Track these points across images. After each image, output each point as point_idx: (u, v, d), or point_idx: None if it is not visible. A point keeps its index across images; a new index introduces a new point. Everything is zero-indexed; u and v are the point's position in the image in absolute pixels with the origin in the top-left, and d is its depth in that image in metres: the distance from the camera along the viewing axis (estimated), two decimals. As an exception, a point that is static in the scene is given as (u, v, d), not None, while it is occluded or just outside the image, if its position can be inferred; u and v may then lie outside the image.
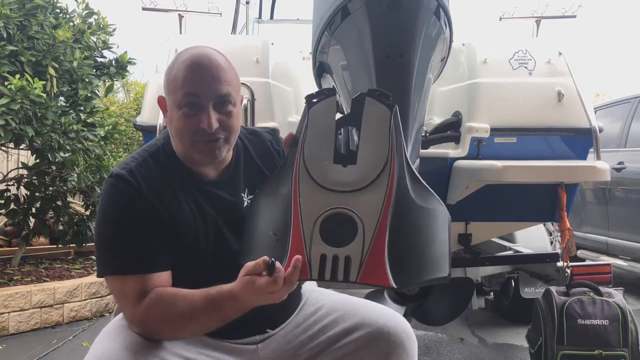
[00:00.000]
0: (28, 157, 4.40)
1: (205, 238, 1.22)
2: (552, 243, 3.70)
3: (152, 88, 2.43)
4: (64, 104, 3.95)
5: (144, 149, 1.28)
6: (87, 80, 3.90)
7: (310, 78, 2.24)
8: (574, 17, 3.01)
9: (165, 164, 1.24)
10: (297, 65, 2.87)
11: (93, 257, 4.65)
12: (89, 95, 3.92)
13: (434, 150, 2.40)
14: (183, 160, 1.25)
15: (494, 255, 2.97)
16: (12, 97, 3.25)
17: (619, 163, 4.39)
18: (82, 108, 3.96)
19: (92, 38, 3.99)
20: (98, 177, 4.19)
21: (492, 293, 3.83)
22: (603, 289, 2.26)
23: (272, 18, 4.91)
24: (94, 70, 4.02)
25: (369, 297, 2.50)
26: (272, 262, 1.00)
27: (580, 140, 2.33)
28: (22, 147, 4.01)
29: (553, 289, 2.29)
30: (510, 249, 3.06)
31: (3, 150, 4.16)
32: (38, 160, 3.98)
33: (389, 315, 1.28)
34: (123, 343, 1.10)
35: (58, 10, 3.97)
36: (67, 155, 3.97)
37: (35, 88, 3.30)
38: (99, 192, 4.13)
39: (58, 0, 3.96)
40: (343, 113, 1.17)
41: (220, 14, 3.42)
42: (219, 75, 1.19)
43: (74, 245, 4.36)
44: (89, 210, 4.25)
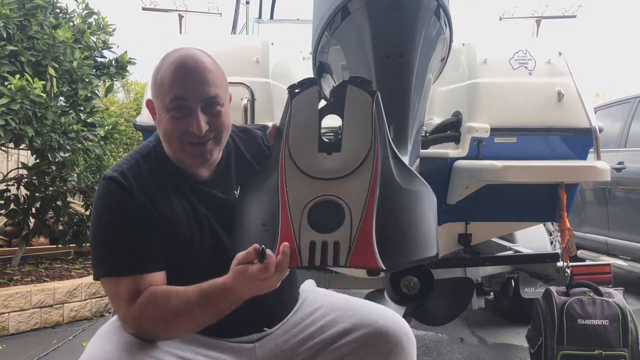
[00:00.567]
0: (28, 157, 4.40)
1: (200, 237, 1.23)
2: (552, 243, 3.70)
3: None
4: (64, 104, 3.95)
5: (136, 151, 1.29)
6: (87, 80, 3.90)
7: (310, 78, 2.24)
8: (574, 17, 3.01)
9: (157, 165, 1.25)
10: (297, 65, 2.87)
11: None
12: (89, 95, 3.93)
13: (434, 150, 2.40)
14: (174, 162, 1.26)
15: (494, 255, 2.97)
16: (12, 97, 3.25)
17: (619, 163, 4.39)
18: (82, 108, 3.96)
19: (92, 38, 3.99)
20: (98, 177, 4.18)
21: (492, 293, 3.83)
22: (603, 289, 2.26)
23: (272, 18, 4.91)
24: (94, 70, 4.02)
25: (369, 297, 2.50)
26: (262, 249, 1.00)
27: (580, 140, 2.33)
28: (22, 147, 4.01)
29: (553, 289, 2.29)
30: (510, 249, 3.06)
31: (3, 150, 4.16)
32: (38, 160, 3.98)
33: (388, 316, 1.28)
34: (118, 343, 1.10)
35: (58, 10, 3.97)
36: (67, 155, 3.98)
37: (35, 88, 3.30)
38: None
39: (58, 0, 3.96)
40: (327, 101, 1.18)
41: (220, 14, 3.42)
42: (206, 77, 1.19)
43: (74, 245, 4.36)
44: (89, 210, 4.25)
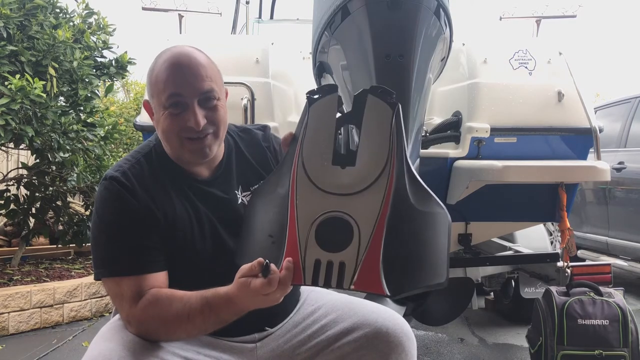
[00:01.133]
0: (28, 157, 4.40)
1: (201, 237, 1.23)
2: (552, 243, 3.70)
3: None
4: (64, 104, 3.94)
5: (137, 151, 1.29)
6: (87, 80, 3.90)
7: (310, 78, 2.24)
8: (574, 17, 3.02)
9: (158, 165, 1.25)
10: (297, 65, 2.87)
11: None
12: (89, 95, 3.92)
13: (434, 150, 2.40)
14: (175, 161, 1.26)
15: (494, 255, 2.97)
16: (12, 97, 3.25)
17: (619, 163, 4.39)
18: (82, 108, 3.96)
19: (92, 38, 3.98)
20: (98, 177, 4.18)
21: (492, 293, 3.83)
22: (603, 289, 2.26)
23: (272, 18, 4.91)
24: (94, 70, 4.02)
25: (369, 297, 2.50)
26: (266, 263, 1.00)
27: (580, 140, 2.33)
28: (22, 147, 4.01)
29: (553, 289, 2.29)
30: (510, 249, 3.06)
31: (3, 150, 4.16)
32: (38, 160, 3.98)
33: (388, 315, 1.28)
34: (120, 342, 1.10)
35: (58, 10, 3.97)
36: (67, 155, 3.97)
37: (35, 88, 3.30)
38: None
39: (58, 0, 3.96)
40: (343, 110, 1.15)
41: (220, 14, 3.42)
42: (200, 72, 1.19)
43: (74, 245, 4.36)
44: (89, 210, 4.24)
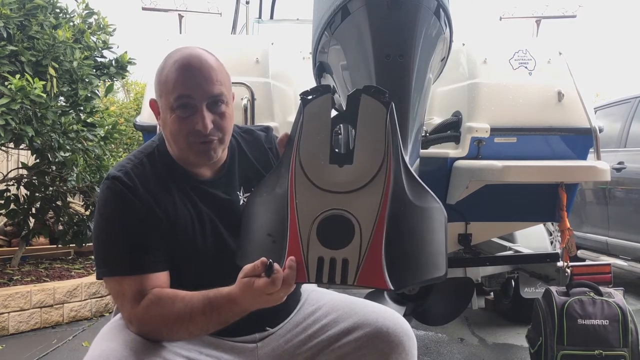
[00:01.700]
0: (28, 157, 4.40)
1: (203, 237, 1.23)
2: (552, 243, 3.70)
3: (152, 88, 2.43)
4: (64, 104, 3.94)
5: (140, 151, 1.29)
6: (87, 80, 3.89)
7: (310, 78, 2.24)
8: (574, 17, 3.02)
9: (161, 165, 1.25)
10: (297, 65, 2.87)
11: (93, 257, 4.64)
12: (89, 95, 3.92)
13: (434, 150, 2.40)
14: (178, 161, 1.26)
15: (494, 255, 2.97)
16: (12, 97, 3.25)
17: (619, 163, 4.39)
18: (82, 108, 3.96)
19: (92, 38, 3.98)
20: (98, 177, 4.18)
21: (492, 293, 3.83)
22: (603, 289, 2.26)
23: (272, 18, 4.91)
24: (94, 70, 4.02)
25: (369, 297, 2.50)
26: (269, 263, 1.00)
27: (580, 140, 2.33)
28: (22, 147, 4.01)
29: (553, 289, 2.29)
30: (510, 249, 3.06)
31: (3, 150, 4.16)
32: (38, 160, 3.98)
33: (388, 315, 1.28)
34: (122, 342, 1.10)
35: (58, 10, 3.96)
36: (67, 155, 3.97)
37: (35, 88, 3.30)
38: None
39: (58, 0, 3.95)
40: (339, 110, 1.16)
41: (220, 14, 3.42)
42: (211, 76, 1.19)
43: (74, 245, 4.35)
44: (89, 210, 4.24)
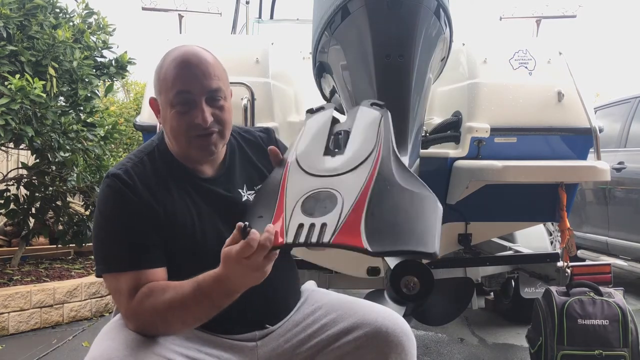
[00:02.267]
0: (28, 157, 4.40)
1: (202, 234, 1.24)
2: (552, 243, 3.70)
3: (152, 88, 2.43)
4: (64, 104, 3.94)
5: (140, 150, 1.30)
6: (87, 80, 3.89)
7: (310, 78, 2.24)
8: (574, 17, 3.02)
9: (161, 163, 1.26)
10: (297, 65, 2.87)
11: (93, 257, 4.64)
12: (89, 95, 3.92)
13: (434, 150, 2.40)
14: (178, 158, 1.27)
15: (494, 255, 2.97)
16: (12, 97, 3.25)
17: (619, 163, 4.39)
18: (82, 108, 3.96)
19: (92, 38, 3.98)
20: (98, 177, 4.18)
21: (492, 293, 3.82)
22: (603, 289, 2.26)
23: (272, 18, 4.91)
24: (94, 70, 4.02)
25: (369, 297, 2.50)
26: (244, 225, 0.99)
27: (580, 140, 2.33)
28: (22, 147, 4.01)
29: (553, 289, 2.29)
30: (510, 249, 3.06)
31: (3, 150, 4.16)
32: (38, 160, 3.98)
33: (388, 315, 1.28)
34: (123, 341, 1.10)
35: (58, 10, 3.96)
36: (67, 155, 3.97)
37: (35, 88, 3.30)
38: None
39: (58, 0, 3.96)
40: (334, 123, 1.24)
41: (220, 14, 3.42)
42: (209, 71, 1.22)
43: (74, 245, 4.36)
44: (89, 210, 4.25)
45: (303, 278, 1.58)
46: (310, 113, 1.21)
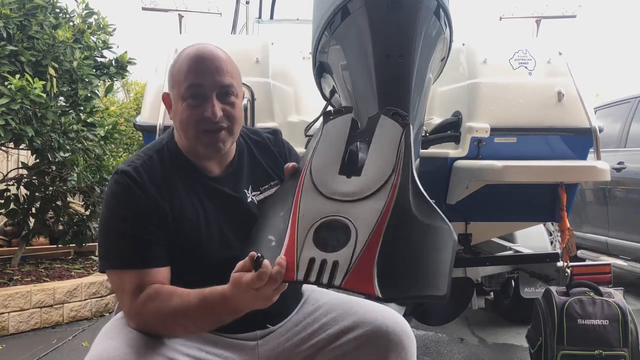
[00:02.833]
0: (28, 157, 4.40)
1: (207, 233, 1.24)
2: (552, 243, 3.70)
3: (152, 88, 2.43)
4: (64, 104, 3.94)
5: (149, 147, 1.30)
6: (87, 80, 3.89)
7: (310, 78, 2.24)
8: (574, 17, 3.02)
9: (170, 161, 1.27)
10: (297, 65, 2.87)
11: (93, 257, 4.66)
12: (89, 95, 3.92)
13: (434, 150, 2.40)
14: (187, 156, 1.28)
15: (494, 255, 2.97)
16: (12, 97, 3.25)
17: (619, 163, 4.39)
18: (82, 108, 3.96)
19: (92, 38, 3.98)
20: (98, 177, 4.19)
21: (492, 293, 3.83)
22: (603, 289, 2.26)
23: (272, 18, 4.91)
24: (94, 70, 4.02)
25: (367, 297, 2.50)
26: (257, 257, 0.99)
27: (580, 140, 2.33)
28: (22, 147, 4.00)
29: (553, 289, 2.29)
30: (510, 249, 3.06)
31: (3, 150, 4.16)
32: (38, 160, 3.98)
33: (388, 314, 1.29)
34: (124, 340, 1.11)
35: (58, 10, 3.96)
36: (67, 155, 3.97)
37: (35, 88, 3.30)
38: (99, 192, 4.13)
39: (58, 0, 3.96)
40: (354, 130, 1.19)
41: (220, 14, 3.42)
42: (221, 67, 1.23)
43: (74, 245, 4.36)
44: (89, 210, 4.25)
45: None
46: (329, 116, 1.18)
